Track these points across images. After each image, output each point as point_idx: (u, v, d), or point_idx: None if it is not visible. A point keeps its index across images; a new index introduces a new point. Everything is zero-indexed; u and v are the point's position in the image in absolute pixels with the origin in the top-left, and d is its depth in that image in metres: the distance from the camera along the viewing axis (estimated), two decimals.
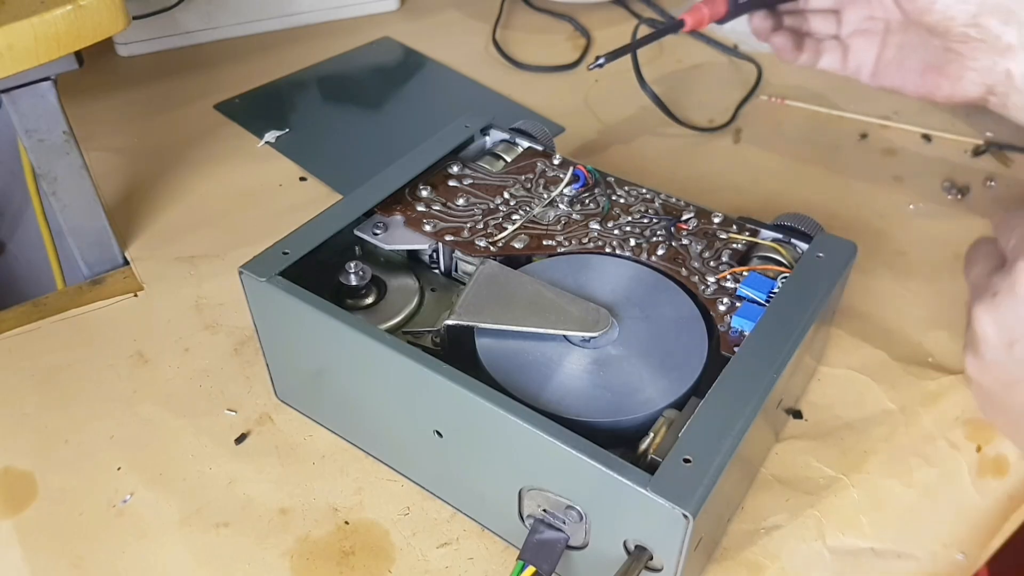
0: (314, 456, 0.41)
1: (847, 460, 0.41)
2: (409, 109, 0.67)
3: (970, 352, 0.41)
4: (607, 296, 0.38)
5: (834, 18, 0.54)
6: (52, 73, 0.44)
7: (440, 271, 0.43)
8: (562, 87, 0.69)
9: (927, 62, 0.48)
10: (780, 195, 0.58)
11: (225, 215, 0.55)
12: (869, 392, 0.44)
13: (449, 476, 0.37)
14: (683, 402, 0.35)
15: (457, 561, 0.37)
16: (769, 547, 0.37)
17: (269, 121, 0.64)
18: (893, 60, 0.51)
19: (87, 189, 0.49)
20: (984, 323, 0.39)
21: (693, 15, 0.52)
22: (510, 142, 0.48)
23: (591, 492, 0.31)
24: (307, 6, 0.77)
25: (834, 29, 0.54)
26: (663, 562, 0.30)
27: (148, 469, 0.40)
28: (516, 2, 0.82)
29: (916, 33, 0.49)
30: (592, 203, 0.44)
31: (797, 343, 0.35)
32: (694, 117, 0.65)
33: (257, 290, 0.38)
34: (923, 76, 0.48)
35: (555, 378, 0.35)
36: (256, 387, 0.44)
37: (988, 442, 0.42)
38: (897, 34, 0.50)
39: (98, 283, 0.51)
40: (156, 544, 0.37)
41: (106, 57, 0.72)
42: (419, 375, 0.33)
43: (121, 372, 0.45)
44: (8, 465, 0.40)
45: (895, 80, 0.51)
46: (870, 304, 0.49)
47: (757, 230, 0.42)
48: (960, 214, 0.56)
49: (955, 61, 0.45)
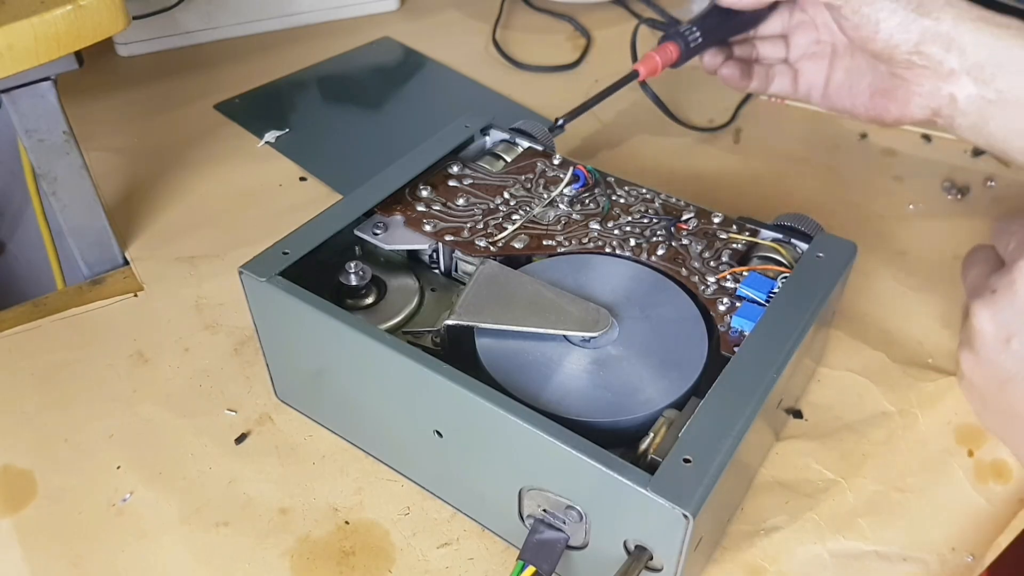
0: (314, 456, 0.41)
1: (846, 463, 0.41)
2: (409, 109, 0.67)
3: (965, 349, 0.41)
4: (607, 296, 0.38)
5: (783, 43, 0.55)
6: (52, 73, 0.44)
7: (440, 271, 0.43)
8: (562, 87, 0.69)
9: (875, 86, 0.49)
10: (780, 195, 0.58)
11: (225, 215, 0.55)
12: (868, 394, 0.44)
13: (449, 476, 0.37)
14: (683, 402, 0.35)
15: (457, 561, 0.37)
16: (768, 549, 0.37)
17: (269, 121, 0.64)
18: (843, 83, 0.52)
19: (87, 189, 0.49)
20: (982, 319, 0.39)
21: (646, 64, 0.52)
22: (510, 142, 0.48)
23: (591, 492, 0.31)
24: (307, 6, 0.77)
25: (783, 54, 0.55)
26: (663, 562, 0.30)
27: (148, 468, 0.40)
28: (516, 2, 0.82)
29: (863, 58, 0.50)
30: (592, 203, 0.44)
31: (797, 343, 0.35)
32: (694, 117, 0.65)
33: (257, 290, 0.38)
34: (872, 100, 0.49)
35: (555, 378, 0.35)
36: (256, 387, 0.44)
37: (981, 446, 0.42)
38: (845, 58, 0.52)
39: (98, 283, 0.51)
40: (156, 543, 0.37)
41: (106, 57, 0.72)
42: (419, 375, 0.33)
43: (121, 372, 0.45)
44: (8, 464, 0.40)
45: (845, 103, 0.52)
46: (870, 305, 0.49)
47: (757, 230, 0.42)
48: (960, 214, 0.56)
49: (901, 86, 0.47)
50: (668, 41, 0.53)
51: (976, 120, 0.45)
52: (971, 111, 0.45)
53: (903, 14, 0.44)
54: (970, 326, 0.41)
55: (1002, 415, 0.41)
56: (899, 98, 0.47)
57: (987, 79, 0.43)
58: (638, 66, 0.53)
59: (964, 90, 0.44)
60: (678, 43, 0.52)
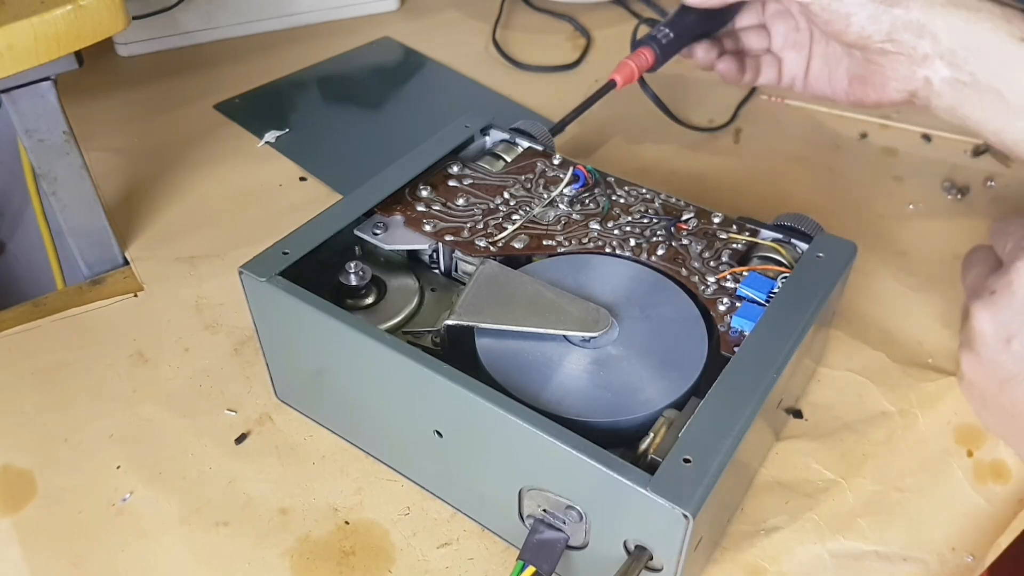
0: (314, 456, 0.41)
1: (846, 463, 0.41)
2: (409, 109, 0.67)
3: (965, 350, 0.42)
4: (607, 296, 0.38)
5: (765, 33, 0.56)
6: (52, 73, 0.44)
7: (440, 271, 0.43)
8: (562, 87, 0.69)
9: (852, 72, 0.50)
10: (780, 195, 0.58)
11: (225, 215, 0.55)
12: (868, 394, 0.44)
13: (449, 476, 0.37)
14: (683, 402, 0.35)
15: (457, 561, 0.37)
16: (768, 549, 0.37)
17: (269, 121, 0.64)
18: (822, 71, 0.53)
19: (87, 189, 0.49)
20: (982, 320, 0.39)
21: (622, 72, 0.53)
22: (510, 142, 0.48)
23: (591, 492, 0.31)
24: (307, 6, 0.77)
25: (767, 44, 0.56)
26: (663, 562, 0.30)
27: (148, 468, 0.40)
28: (516, 2, 0.82)
29: (838, 45, 0.51)
30: (592, 203, 0.44)
31: (797, 343, 0.35)
32: (694, 117, 0.65)
33: (257, 290, 0.38)
34: (851, 85, 0.50)
35: (555, 378, 0.35)
36: (256, 387, 0.44)
37: (981, 446, 0.42)
38: (821, 45, 0.52)
39: (98, 283, 0.51)
40: (155, 543, 0.37)
41: (106, 57, 0.72)
42: (419, 375, 0.33)
43: (121, 372, 0.45)
44: (8, 464, 0.40)
45: (825, 89, 0.53)
46: (870, 305, 0.49)
47: (757, 230, 0.42)
48: (960, 214, 0.56)
49: (877, 72, 0.47)
50: (642, 47, 0.53)
51: (951, 102, 0.45)
52: (946, 93, 0.45)
53: (872, 6, 0.45)
54: (970, 327, 0.41)
55: (1003, 415, 0.41)
56: (876, 83, 0.48)
57: (960, 63, 0.44)
58: (615, 75, 0.53)
59: (939, 73, 0.45)
60: (652, 47, 0.53)
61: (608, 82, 0.53)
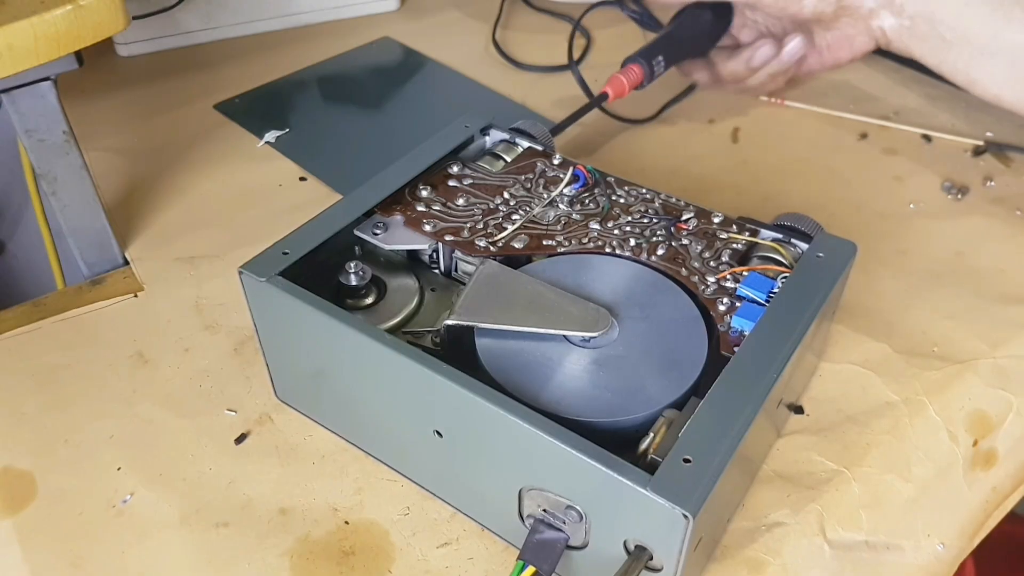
0: (314, 456, 0.41)
1: (849, 454, 0.40)
2: (409, 109, 0.67)
3: None
4: (607, 296, 0.38)
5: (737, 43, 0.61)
6: (52, 73, 0.44)
7: (440, 271, 0.43)
8: (562, 87, 0.69)
9: (821, 43, 0.57)
10: (780, 195, 0.58)
11: (225, 215, 0.55)
12: (872, 386, 0.44)
13: (449, 476, 0.37)
14: (683, 402, 0.35)
15: (457, 561, 0.37)
16: (770, 544, 0.37)
17: (269, 121, 0.64)
18: None
19: (87, 189, 0.49)
20: None
21: (613, 86, 0.56)
22: (510, 142, 0.48)
23: (591, 492, 0.31)
24: (307, 6, 0.77)
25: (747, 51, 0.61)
26: (663, 562, 0.30)
27: (148, 469, 0.40)
28: (516, 2, 0.82)
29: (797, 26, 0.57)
30: (592, 203, 0.44)
31: (797, 343, 0.35)
32: (694, 117, 0.65)
33: (257, 290, 0.38)
34: (827, 53, 0.57)
35: (555, 378, 0.35)
36: (256, 387, 0.44)
37: (986, 435, 0.42)
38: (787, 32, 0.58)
39: (98, 283, 0.51)
40: (156, 544, 0.37)
41: (106, 57, 0.72)
42: (419, 375, 0.33)
43: (121, 372, 0.45)
44: (8, 465, 0.40)
45: (814, 66, 0.59)
46: (871, 301, 0.49)
47: (757, 230, 0.42)
48: (960, 214, 0.56)
49: (841, 35, 0.55)
50: (632, 63, 0.56)
51: (902, 46, 0.53)
52: (896, 39, 0.53)
53: None
54: None
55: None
56: (844, 44, 0.55)
57: (897, 10, 0.52)
58: (607, 88, 0.56)
59: (887, 21, 0.52)
60: (642, 64, 0.56)
61: (600, 94, 0.56)
